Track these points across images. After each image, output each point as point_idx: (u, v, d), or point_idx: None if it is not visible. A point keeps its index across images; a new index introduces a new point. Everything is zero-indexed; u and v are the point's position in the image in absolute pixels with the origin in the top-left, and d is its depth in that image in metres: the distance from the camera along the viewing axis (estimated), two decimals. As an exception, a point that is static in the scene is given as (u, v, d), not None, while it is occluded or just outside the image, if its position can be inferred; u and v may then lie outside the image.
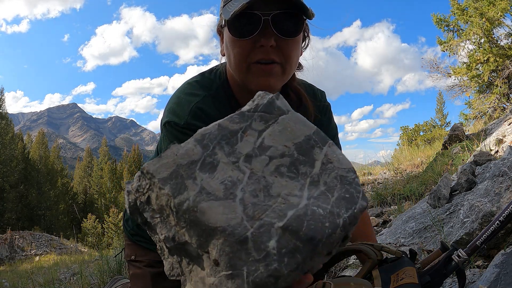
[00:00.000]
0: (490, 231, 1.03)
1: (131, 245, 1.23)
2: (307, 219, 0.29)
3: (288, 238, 0.29)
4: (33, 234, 13.39)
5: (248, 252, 0.29)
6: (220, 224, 0.30)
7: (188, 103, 0.92)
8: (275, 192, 0.31)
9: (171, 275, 0.37)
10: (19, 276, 4.58)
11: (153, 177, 0.34)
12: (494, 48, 8.58)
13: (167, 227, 0.34)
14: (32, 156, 30.53)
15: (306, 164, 0.33)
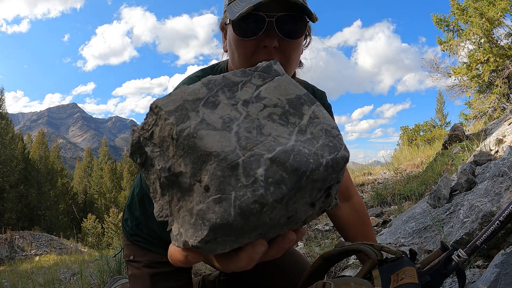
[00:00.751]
0: (490, 231, 1.03)
1: (129, 245, 1.22)
2: (294, 154, 0.33)
3: (275, 170, 0.32)
4: (33, 234, 13.39)
5: (238, 178, 0.32)
6: (215, 149, 0.33)
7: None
8: (267, 132, 0.35)
9: (159, 216, 0.39)
10: (19, 276, 4.58)
11: (161, 110, 0.38)
12: (494, 48, 8.58)
13: (164, 159, 0.37)
14: (32, 156, 30.53)
15: (296, 116, 0.38)
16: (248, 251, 0.35)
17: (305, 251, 2.22)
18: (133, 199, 1.20)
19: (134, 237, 1.20)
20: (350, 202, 1.21)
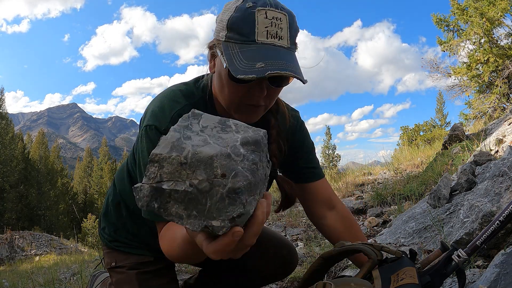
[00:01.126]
0: (490, 231, 1.03)
1: (110, 252, 1.21)
2: (249, 135, 0.54)
3: (247, 147, 0.52)
4: (33, 234, 13.40)
5: (234, 159, 0.50)
6: (212, 153, 0.49)
7: (170, 110, 0.94)
8: (224, 137, 0.54)
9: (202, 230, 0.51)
10: (19, 276, 4.58)
11: (161, 154, 0.50)
12: (494, 48, 8.58)
13: (182, 183, 0.49)
14: (32, 156, 30.53)
15: (228, 128, 0.57)
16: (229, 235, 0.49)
17: (305, 251, 2.22)
18: (108, 207, 1.22)
19: (114, 243, 1.20)
20: (334, 210, 1.23)
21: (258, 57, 0.78)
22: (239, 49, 0.81)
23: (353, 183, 4.73)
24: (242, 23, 0.81)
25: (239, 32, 0.81)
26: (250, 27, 0.80)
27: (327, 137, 30.96)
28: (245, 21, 0.81)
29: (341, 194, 4.33)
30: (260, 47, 0.80)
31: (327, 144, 30.70)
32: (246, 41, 0.81)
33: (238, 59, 0.79)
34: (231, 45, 0.82)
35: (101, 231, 1.26)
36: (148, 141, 0.92)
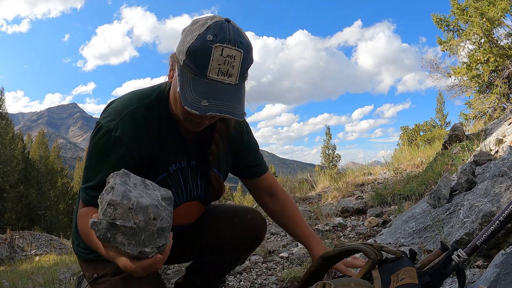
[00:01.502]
0: (490, 231, 1.03)
1: (89, 265, 1.21)
2: (161, 193, 0.82)
3: (165, 201, 0.81)
4: (33, 234, 13.40)
5: (160, 208, 0.77)
6: (149, 203, 0.76)
7: (122, 110, 1.04)
8: (150, 192, 0.80)
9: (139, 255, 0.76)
10: (19, 276, 4.58)
11: (116, 201, 0.74)
12: (494, 48, 8.57)
13: (129, 221, 0.73)
14: (32, 156, 30.52)
15: (149, 185, 0.83)
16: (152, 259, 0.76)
17: (305, 251, 2.22)
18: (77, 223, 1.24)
19: (91, 254, 1.19)
20: (274, 196, 1.37)
21: (205, 94, 0.89)
22: (191, 80, 0.90)
23: (353, 183, 4.73)
24: (199, 55, 0.89)
25: (195, 63, 0.90)
26: (205, 62, 0.89)
27: (327, 137, 30.97)
28: (202, 54, 0.89)
29: (341, 194, 4.33)
30: (209, 84, 0.90)
31: (327, 144, 30.71)
32: (199, 73, 0.90)
33: (188, 90, 0.90)
34: (186, 72, 0.92)
35: (77, 248, 1.26)
36: (96, 141, 1.03)
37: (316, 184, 5.73)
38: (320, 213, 3.25)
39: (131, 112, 1.03)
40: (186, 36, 0.93)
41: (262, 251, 2.39)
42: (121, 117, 1.02)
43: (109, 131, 1.01)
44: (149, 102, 1.07)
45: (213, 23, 0.91)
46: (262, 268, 2.12)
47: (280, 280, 1.85)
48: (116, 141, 1.01)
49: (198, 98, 0.88)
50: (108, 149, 1.01)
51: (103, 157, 1.02)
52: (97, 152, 1.03)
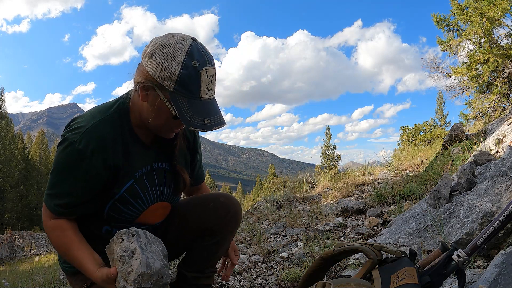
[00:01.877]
0: (490, 231, 1.03)
1: (77, 278, 1.23)
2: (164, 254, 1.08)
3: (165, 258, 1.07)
4: (33, 234, 13.40)
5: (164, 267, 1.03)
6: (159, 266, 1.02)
7: (86, 123, 1.10)
8: (154, 249, 1.04)
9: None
10: (19, 276, 4.58)
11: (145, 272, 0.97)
12: (494, 48, 8.57)
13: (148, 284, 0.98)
14: (32, 156, 30.52)
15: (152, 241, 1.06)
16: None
17: (305, 251, 2.22)
18: None
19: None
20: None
21: (204, 113, 1.03)
22: (187, 104, 1.02)
23: (353, 183, 4.73)
24: (190, 81, 1.01)
25: (188, 89, 1.01)
26: (197, 87, 1.01)
27: (327, 137, 30.96)
28: (193, 81, 1.01)
29: (341, 194, 4.33)
30: (203, 104, 1.03)
31: (327, 144, 30.70)
32: (192, 97, 1.02)
33: (188, 112, 1.01)
34: (180, 98, 1.02)
35: (63, 265, 1.29)
36: (61, 152, 1.09)
37: (316, 184, 5.73)
38: (320, 213, 3.25)
39: (94, 125, 1.10)
40: (165, 62, 1.01)
41: (262, 251, 2.39)
42: (85, 130, 1.08)
43: (72, 143, 1.07)
44: (110, 114, 1.14)
45: (188, 47, 1.01)
46: (262, 268, 2.12)
47: (280, 280, 1.85)
48: (80, 153, 1.07)
49: (199, 118, 1.02)
50: (73, 160, 1.08)
51: (68, 168, 1.09)
52: (62, 163, 1.09)
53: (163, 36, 1.07)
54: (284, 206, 4.10)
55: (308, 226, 3.03)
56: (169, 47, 1.01)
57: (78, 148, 1.06)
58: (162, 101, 1.04)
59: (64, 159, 1.08)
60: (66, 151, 1.07)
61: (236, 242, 2.81)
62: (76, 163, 1.07)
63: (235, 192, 42.77)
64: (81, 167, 1.07)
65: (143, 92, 1.07)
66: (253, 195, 23.34)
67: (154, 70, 1.02)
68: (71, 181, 1.09)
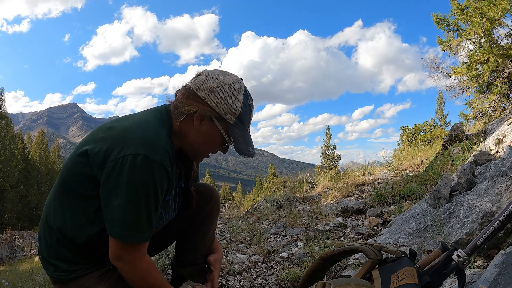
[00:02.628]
0: (490, 231, 1.03)
1: (71, 284, 1.18)
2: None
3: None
4: (33, 234, 13.39)
5: None
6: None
7: (159, 138, 1.08)
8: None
9: None
10: (19, 276, 4.57)
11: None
12: (494, 48, 8.57)
13: None
14: (32, 156, 30.52)
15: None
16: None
17: (305, 251, 2.22)
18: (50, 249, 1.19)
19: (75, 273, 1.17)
20: None
21: (249, 143, 1.20)
22: (240, 135, 1.18)
23: (353, 183, 4.73)
24: (246, 118, 1.19)
25: (243, 123, 1.19)
26: (248, 121, 1.21)
27: (327, 137, 30.95)
28: (247, 117, 1.20)
29: (341, 194, 4.32)
30: (248, 135, 1.22)
31: (327, 144, 30.69)
32: (244, 129, 1.20)
33: (240, 142, 1.17)
34: (236, 129, 1.17)
35: (55, 274, 1.19)
36: (140, 171, 1.01)
37: (316, 184, 5.73)
38: (320, 213, 3.25)
39: (165, 142, 1.08)
40: (229, 98, 1.14)
41: (262, 251, 2.39)
42: (160, 146, 1.06)
43: (156, 161, 1.03)
44: (168, 130, 1.16)
45: (244, 88, 1.19)
46: (262, 268, 2.12)
47: (280, 280, 1.85)
48: (164, 170, 1.05)
49: (247, 146, 1.19)
50: (154, 173, 1.03)
51: (151, 182, 1.03)
52: (142, 177, 1.01)
53: (220, 73, 1.19)
54: (284, 206, 4.10)
55: (308, 226, 3.03)
56: (230, 85, 1.16)
57: (164, 165, 1.05)
58: (219, 131, 1.17)
59: (145, 175, 1.01)
60: (147, 165, 1.01)
61: (236, 242, 2.81)
62: (158, 177, 1.03)
63: (235, 192, 42.76)
64: (162, 181, 1.05)
65: (197, 121, 1.16)
66: (253, 195, 23.35)
67: (217, 103, 1.14)
68: (155, 199, 1.05)
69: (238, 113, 1.15)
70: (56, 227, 1.15)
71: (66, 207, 1.14)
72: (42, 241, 1.21)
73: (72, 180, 1.12)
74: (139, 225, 1.03)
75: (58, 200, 1.17)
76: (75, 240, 1.13)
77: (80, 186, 1.10)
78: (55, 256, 1.17)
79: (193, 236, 1.46)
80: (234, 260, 2.29)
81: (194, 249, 1.47)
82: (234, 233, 3.09)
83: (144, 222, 1.04)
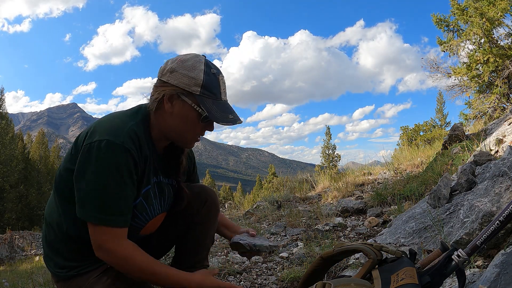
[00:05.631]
0: (490, 231, 1.03)
1: (71, 285, 1.20)
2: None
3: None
4: (33, 234, 13.38)
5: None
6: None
7: (124, 125, 1.11)
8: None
9: None
10: (19, 276, 4.58)
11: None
12: (494, 48, 8.57)
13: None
14: (32, 156, 30.51)
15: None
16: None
17: (305, 251, 2.22)
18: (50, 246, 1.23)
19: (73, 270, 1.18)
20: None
21: (227, 110, 1.17)
22: (213, 104, 1.15)
23: (353, 183, 4.73)
24: (212, 85, 1.16)
25: (212, 92, 1.16)
26: (218, 89, 1.18)
27: (327, 137, 30.96)
28: (215, 84, 1.17)
29: (341, 194, 4.32)
30: (224, 103, 1.19)
31: (327, 144, 30.70)
32: (216, 98, 1.17)
33: (215, 110, 1.14)
34: (206, 99, 1.15)
35: (54, 270, 1.22)
36: (102, 156, 1.04)
37: (316, 184, 5.73)
38: (320, 213, 3.25)
39: (129, 128, 1.11)
40: (189, 72, 1.14)
41: (262, 251, 2.39)
42: (124, 131, 1.09)
43: (118, 144, 1.05)
44: (139, 121, 1.17)
45: (204, 59, 1.18)
46: (262, 268, 2.12)
47: (280, 280, 1.85)
48: (124, 148, 1.06)
49: (225, 114, 1.16)
50: (117, 156, 1.05)
51: (115, 166, 1.05)
52: (107, 163, 1.04)
53: (178, 55, 1.21)
54: (284, 206, 4.10)
55: (308, 226, 3.03)
56: (188, 61, 1.16)
57: (125, 148, 1.06)
58: (190, 105, 1.15)
59: (108, 157, 1.04)
60: (109, 149, 1.05)
61: (236, 242, 2.81)
62: (121, 159, 1.05)
63: (235, 192, 42.75)
64: (127, 163, 1.07)
65: (168, 104, 1.16)
66: (253, 195, 23.35)
67: (179, 80, 1.14)
68: (120, 181, 1.06)
69: (201, 83, 1.14)
70: (53, 222, 1.21)
71: (60, 202, 1.19)
72: (43, 238, 1.27)
73: (62, 176, 1.18)
74: (107, 207, 1.05)
75: (53, 196, 1.23)
76: (70, 234, 1.17)
77: (68, 180, 1.14)
78: (54, 252, 1.22)
79: (191, 241, 1.44)
80: (234, 260, 2.29)
81: (195, 253, 1.45)
82: (234, 233, 3.09)
83: (112, 204, 1.05)
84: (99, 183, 1.04)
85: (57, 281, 1.23)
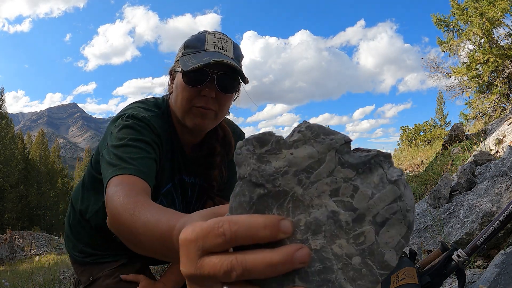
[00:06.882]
0: (490, 231, 1.03)
1: (85, 270, 1.22)
2: None
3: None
4: (33, 234, 13.38)
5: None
6: None
7: (146, 112, 1.03)
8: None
9: None
10: (19, 276, 4.58)
11: None
12: (494, 48, 8.57)
13: None
14: (32, 156, 30.53)
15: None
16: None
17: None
18: (71, 228, 1.28)
19: (89, 258, 1.21)
20: None
21: (206, 56, 0.97)
22: (192, 57, 0.99)
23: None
24: (195, 41, 1.03)
25: (193, 47, 1.02)
26: (202, 42, 1.02)
27: (327, 137, 31.00)
28: (198, 40, 1.03)
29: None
30: (208, 52, 0.99)
31: (327, 144, 30.73)
32: (197, 51, 1.01)
33: (189, 60, 0.98)
34: (186, 57, 1.01)
35: (72, 251, 1.26)
36: (127, 123, 0.96)
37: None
38: (320, 213, 3.25)
39: (152, 116, 1.02)
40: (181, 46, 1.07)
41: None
42: (147, 114, 1.01)
43: (140, 117, 0.98)
44: (163, 111, 1.09)
45: (204, 31, 1.06)
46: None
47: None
48: (145, 120, 0.98)
49: (200, 59, 0.96)
50: (139, 126, 0.96)
51: (138, 132, 0.95)
52: (127, 131, 0.94)
53: None
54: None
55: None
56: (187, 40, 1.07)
57: (148, 121, 0.98)
58: (177, 77, 1.04)
59: (130, 126, 0.95)
60: (136, 122, 0.97)
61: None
62: (142, 129, 0.96)
63: (235, 192, 42.77)
64: (147, 133, 0.96)
65: (172, 84, 1.09)
66: (253, 195, 23.26)
67: (176, 57, 1.07)
68: (141, 146, 0.92)
69: (183, 44, 1.05)
70: (79, 209, 1.23)
71: (87, 192, 1.21)
72: (67, 218, 1.31)
73: (90, 165, 1.19)
74: (121, 161, 0.86)
75: (81, 184, 1.25)
76: (91, 223, 1.19)
77: (93, 170, 1.16)
78: (74, 234, 1.26)
79: None
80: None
81: None
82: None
83: (128, 158, 0.86)
84: (117, 146, 0.90)
85: (73, 262, 1.28)
